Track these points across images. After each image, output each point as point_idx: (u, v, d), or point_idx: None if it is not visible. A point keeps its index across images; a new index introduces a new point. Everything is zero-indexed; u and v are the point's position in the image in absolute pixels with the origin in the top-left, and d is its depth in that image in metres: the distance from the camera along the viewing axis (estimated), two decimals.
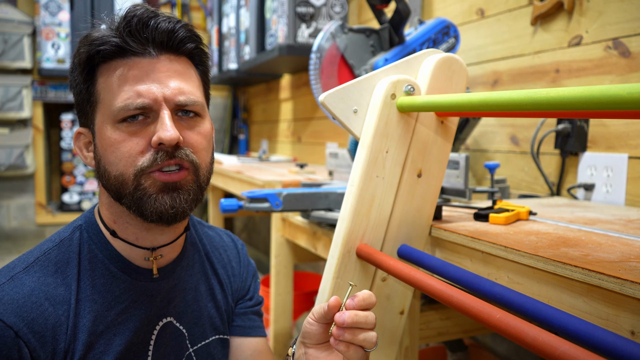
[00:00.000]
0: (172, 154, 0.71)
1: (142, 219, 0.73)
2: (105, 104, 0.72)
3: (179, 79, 0.73)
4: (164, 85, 0.72)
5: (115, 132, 0.71)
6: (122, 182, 0.71)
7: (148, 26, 0.71)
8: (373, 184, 0.84)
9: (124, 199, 0.73)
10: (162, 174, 0.71)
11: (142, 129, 0.71)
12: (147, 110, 0.71)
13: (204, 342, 0.87)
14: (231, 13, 3.10)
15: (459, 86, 0.88)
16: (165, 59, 0.73)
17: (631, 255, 0.66)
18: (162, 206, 0.71)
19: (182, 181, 0.73)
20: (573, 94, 0.51)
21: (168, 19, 0.73)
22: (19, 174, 3.61)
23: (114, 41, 0.70)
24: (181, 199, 0.72)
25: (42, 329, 0.68)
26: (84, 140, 0.78)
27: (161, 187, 0.71)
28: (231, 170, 2.15)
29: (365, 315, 0.66)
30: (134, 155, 0.71)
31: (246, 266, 0.98)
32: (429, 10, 1.85)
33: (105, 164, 0.73)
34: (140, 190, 0.71)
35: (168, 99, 0.71)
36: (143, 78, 0.71)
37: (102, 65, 0.73)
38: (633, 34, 1.16)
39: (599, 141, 1.25)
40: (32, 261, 0.73)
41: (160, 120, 0.70)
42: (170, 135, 0.69)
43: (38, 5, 3.54)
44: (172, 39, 0.73)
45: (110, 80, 0.72)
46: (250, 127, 3.94)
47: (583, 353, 0.45)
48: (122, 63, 0.72)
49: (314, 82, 1.32)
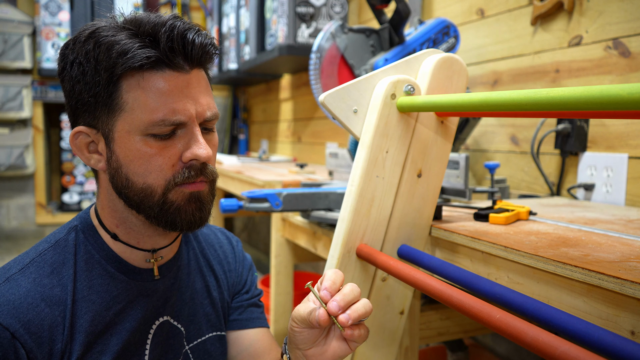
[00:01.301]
0: (202, 171, 0.74)
1: (165, 228, 0.75)
2: (135, 115, 0.70)
3: (206, 94, 0.75)
4: (196, 101, 0.72)
5: (144, 144, 0.70)
6: (150, 194, 0.72)
7: (185, 39, 0.70)
8: (373, 184, 0.84)
9: (146, 210, 0.73)
10: (187, 185, 0.73)
11: (173, 143, 0.72)
12: (180, 126, 0.72)
13: (200, 340, 0.87)
14: (231, 13, 3.10)
15: (459, 86, 0.88)
16: (195, 73, 0.73)
17: (631, 255, 0.66)
18: (192, 216, 0.74)
19: (203, 191, 0.75)
20: (573, 94, 0.51)
21: (198, 33, 0.72)
22: (19, 174, 3.61)
23: (154, 56, 0.68)
24: (205, 209, 0.76)
25: (39, 330, 0.69)
26: (86, 140, 0.75)
27: (188, 197, 0.74)
28: (231, 170, 2.15)
29: (351, 291, 0.67)
30: (165, 169, 0.72)
31: (241, 261, 0.98)
32: (429, 10, 1.85)
33: (129, 174, 0.72)
34: (168, 203, 0.73)
35: (199, 114, 0.73)
36: (179, 94, 0.71)
37: (130, 73, 0.69)
38: (633, 34, 1.16)
39: (599, 141, 1.25)
40: (27, 262, 0.73)
41: (194, 138, 0.72)
42: (206, 153, 0.72)
43: (38, 5, 3.54)
44: (204, 55, 0.73)
45: (142, 92, 0.69)
46: (250, 127, 3.94)
47: (583, 353, 0.45)
48: (156, 75, 0.69)
49: (314, 82, 1.32)
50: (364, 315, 0.67)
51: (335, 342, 0.71)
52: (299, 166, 2.19)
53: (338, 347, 0.71)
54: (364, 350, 0.91)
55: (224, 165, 2.47)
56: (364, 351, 0.91)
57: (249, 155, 3.38)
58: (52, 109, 3.85)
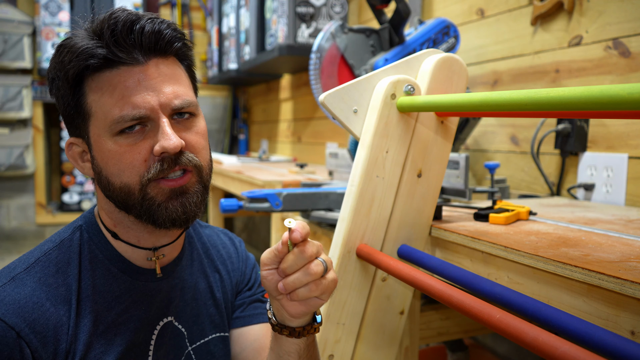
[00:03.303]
0: (176, 161, 0.71)
1: (153, 226, 0.74)
2: (99, 117, 0.71)
3: (170, 82, 0.73)
4: (158, 91, 0.71)
5: (115, 144, 0.70)
6: (128, 192, 0.71)
7: (133, 31, 0.69)
8: (373, 184, 0.84)
9: (131, 209, 0.73)
10: (168, 181, 0.72)
11: (142, 139, 0.71)
12: (144, 119, 0.70)
13: (203, 340, 0.87)
14: (231, 13, 3.10)
15: (459, 86, 0.88)
16: (154, 63, 0.72)
17: (631, 255, 0.66)
18: (174, 213, 0.72)
19: (187, 184, 0.73)
20: (573, 94, 0.51)
21: (151, 20, 0.71)
22: (19, 174, 3.61)
23: (100, 53, 0.69)
24: (190, 202, 0.73)
25: (44, 330, 0.68)
26: (77, 150, 0.77)
27: (169, 194, 0.72)
28: (231, 170, 2.15)
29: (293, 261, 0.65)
30: (137, 166, 0.70)
31: (244, 260, 0.98)
32: (429, 10, 1.85)
33: (108, 176, 0.72)
34: (148, 200, 0.71)
35: (164, 105, 0.71)
36: (136, 88, 0.70)
37: (90, 77, 0.71)
38: (633, 34, 1.16)
39: (599, 141, 1.25)
40: (32, 262, 0.73)
41: (161, 130, 0.70)
42: (173, 143, 0.69)
43: (38, 5, 3.54)
44: (158, 42, 0.71)
45: (101, 94, 0.70)
46: (250, 127, 3.94)
47: (583, 353, 0.45)
48: (111, 74, 0.70)
49: (314, 82, 1.33)
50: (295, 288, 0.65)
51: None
52: (299, 166, 2.19)
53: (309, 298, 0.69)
54: (364, 350, 0.91)
55: (224, 165, 2.47)
56: (364, 351, 0.91)
57: (249, 155, 3.38)
58: (52, 109, 3.84)
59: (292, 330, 0.72)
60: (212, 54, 3.58)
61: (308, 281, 0.66)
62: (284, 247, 0.67)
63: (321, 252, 0.68)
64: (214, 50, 3.53)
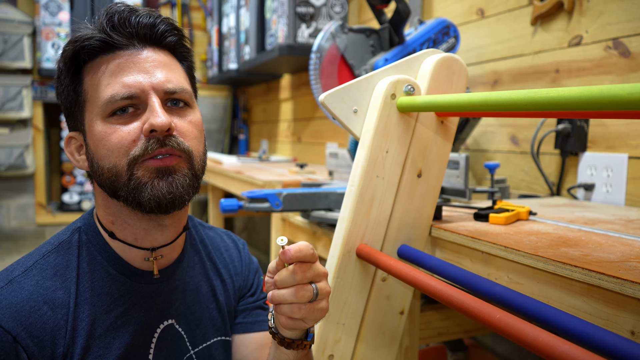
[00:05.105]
0: (163, 142, 0.70)
1: (139, 210, 0.72)
2: (92, 100, 0.72)
3: (165, 68, 0.74)
4: (151, 74, 0.72)
5: (105, 125, 0.71)
6: (116, 174, 0.71)
7: (130, 21, 0.72)
8: (373, 184, 0.84)
9: (119, 191, 0.72)
10: (154, 160, 0.71)
11: (133, 120, 0.71)
12: (136, 100, 0.71)
13: (206, 344, 0.86)
14: (231, 13, 3.10)
15: (459, 86, 0.88)
16: (149, 50, 0.74)
17: (631, 255, 0.66)
18: (159, 192, 0.70)
19: (175, 166, 0.72)
20: (573, 94, 0.51)
21: (148, 14, 0.74)
22: (19, 174, 3.61)
23: (97, 36, 0.71)
24: (177, 183, 0.71)
25: (41, 333, 0.68)
26: (75, 145, 0.77)
27: (154, 172, 0.70)
28: (231, 170, 2.15)
29: (283, 279, 0.66)
30: (126, 145, 0.70)
31: (248, 264, 0.97)
32: (429, 10, 1.85)
33: (98, 159, 0.72)
34: (134, 180, 0.70)
35: (156, 87, 0.72)
36: (129, 69, 0.71)
37: (88, 64, 0.73)
38: (633, 34, 1.16)
39: (599, 141, 1.25)
40: (30, 264, 0.73)
41: (150, 107, 0.70)
42: (161, 120, 0.69)
43: (38, 5, 3.54)
44: (154, 32, 0.74)
45: (96, 77, 0.72)
46: (250, 127, 3.94)
47: (583, 353, 0.45)
48: (107, 58, 0.72)
49: (314, 82, 1.32)
50: (279, 303, 0.66)
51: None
52: (299, 166, 2.19)
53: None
54: (364, 350, 0.91)
55: (224, 165, 2.47)
56: (364, 351, 0.91)
57: (249, 155, 3.38)
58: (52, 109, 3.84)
59: (282, 340, 0.73)
60: (212, 54, 3.58)
61: (292, 302, 0.66)
62: (279, 262, 0.67)
63: (319, 279, 0.67)
64: (214, 50, 3.53)
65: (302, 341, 0.74)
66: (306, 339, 0.74)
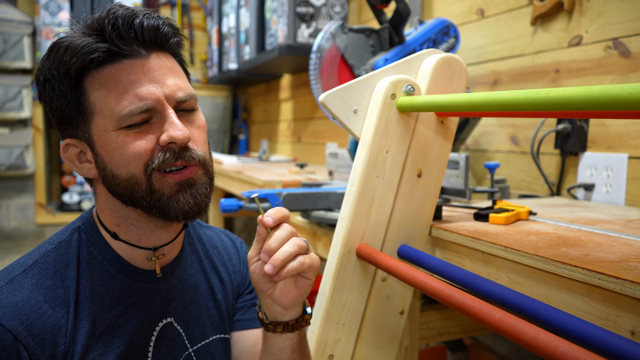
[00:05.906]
0: (179, 154, 0.71)
1: (162, 219, 0.73)
2: (104, 113, 0.70)
3: (172, 75, 0.73)
4: (162, 83, 0.71)
5: (120, 135, 0.70)
6: (135, 184, 0.71)
7: (133, 25, 0.70)
8: (373, 184, 0.84)
9: (139, 202, 0.72)
10: (173, 174, 0.72)
11: (148, 130, 0.71)
12: (151, 112, 0.70)
13: (204, 342, 0.86)
14: (231, 13, 3.10)
15: (459, 86, 0.88)
16: (155, 56, 0.73)
17: (631, 255, 0.66)
18: (187, 205, 0.72)
19: (194, 176, 0.73)
20: (573, 94, 0.51)
21: (149, 16, 0.72)
22: (19, 174, 3.60)
23: (103, 47, 0.69)
24: (200, 193, 0.73)
25: (42, 332, 0.68)
26: (75, 151, 0.76)
27: (176, 186, 0.72)
28: (231, 170, 2.15)
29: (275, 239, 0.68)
30: (143, 155, 0.70)
31: (245, 262, 0.97)
32: (429, 10, 1.85)
33: (113, 169, 0.72)
34: (156, 192, 0.71)
35: (169, 97, 0.71)
36: (140, 80, 0.70)
37: (90, 74, 0.71)
38: (633, 34, 1.16)
39: (599, 141, 1.25)
40: (30, 264, 0.73)
41: (169, 120, 0.70)
42: (182, 134, 0.70)
43: (38, 5, 3.54)
44: (158, 37, 0.72)
45: (105, 89, 0.70)
46: (250, 127, 3.94)
47: (583, 353, 0.45)
48: (113, 68, 0.70)
49: (314, 82, 1.32)
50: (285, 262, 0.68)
51: (295, 282, 0.73)
52: (299, 166, 2.19)
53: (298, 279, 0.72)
54: (364, 350, 0.91)
55: (224, 165, 2.47)
56: (364, 351, 0.91)
57: (249, 155, 3.38)
58: None
59: (285, 325, 0.74)
60: (212, 54, 3.58)
61: (296, 252, 0.68)
62: (262, 228, 0.68)
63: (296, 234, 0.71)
64: (214, 50, 3.53)
65: (304, 316, 0.76)
66: (306, 313, 0.76)
